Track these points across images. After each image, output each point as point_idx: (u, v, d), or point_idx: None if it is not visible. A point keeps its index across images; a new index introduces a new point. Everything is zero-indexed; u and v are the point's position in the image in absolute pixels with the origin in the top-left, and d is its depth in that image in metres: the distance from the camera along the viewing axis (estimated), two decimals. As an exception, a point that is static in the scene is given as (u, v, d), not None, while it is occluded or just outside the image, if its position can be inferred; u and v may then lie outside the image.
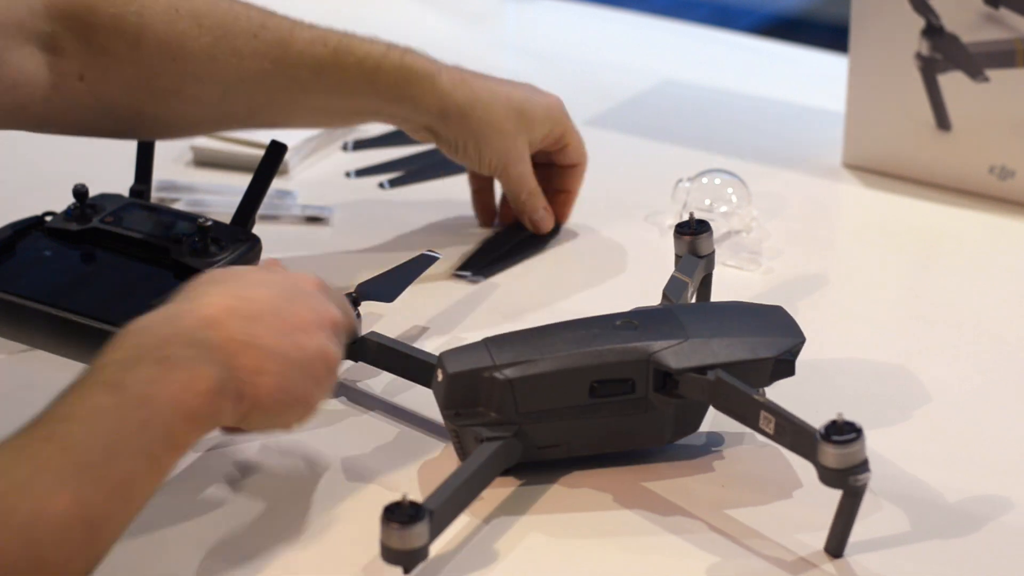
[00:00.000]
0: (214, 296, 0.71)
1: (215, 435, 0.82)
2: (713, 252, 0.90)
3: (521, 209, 1.00)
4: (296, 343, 0.71)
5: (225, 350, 0.68)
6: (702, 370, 0.76)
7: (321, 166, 1.14)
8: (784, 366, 0.79)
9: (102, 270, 0.94)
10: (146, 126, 0.93)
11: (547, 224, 1.01)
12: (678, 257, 0.90)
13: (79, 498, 0.62)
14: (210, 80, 0.90)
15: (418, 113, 0.94)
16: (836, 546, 0.74)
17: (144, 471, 0.65)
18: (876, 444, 0.72)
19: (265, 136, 0.97)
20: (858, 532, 0.72)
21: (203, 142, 1.13)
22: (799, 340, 0.80)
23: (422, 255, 0.91)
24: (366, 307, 0.87)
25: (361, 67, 0.92)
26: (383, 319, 0.91)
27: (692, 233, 0.89)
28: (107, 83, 0.89)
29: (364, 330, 0.85)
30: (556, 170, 1.01)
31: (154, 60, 0.88)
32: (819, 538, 0.74)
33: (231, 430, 0.75)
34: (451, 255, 0.98)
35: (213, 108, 0.92)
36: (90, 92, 0.89)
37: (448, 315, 0.94)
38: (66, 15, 0.87)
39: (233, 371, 0.68)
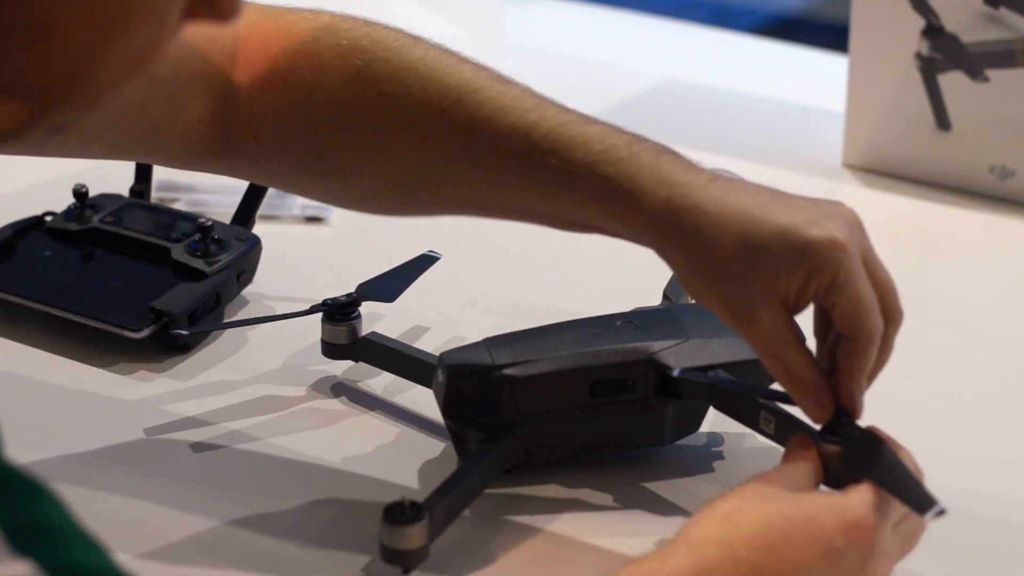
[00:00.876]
0: (751, 541, 0.63)
1: (214, 433, 0.82)
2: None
3: (791, 389, 0.71)
4: None
5: None
6: (703, 370, 0.76)
7: (321, 166, 1.14)
8: (784, 366, 0.79)
9: (102, 270, 0.94)
10: (330, 197, 0.80)
11: (817, 414, 0.70)
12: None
13: None
14: (386, 159, 0.74)
15: (627, 232, 0.72)
16: (836, 546, 0.73)
17: None
18: (876, 444, 0.72)
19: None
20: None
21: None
22: (799, 340, 0.80)
23: (422, 256, 0.91)
24: (366, 307, 0.87)
25: (563, 172, 0.71)
26: (383, 319, 0.91)
27: None
28: (279, 150, 0.75)
29: (364, 330, 0.85)
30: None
31: (325, 127, 0.74)
32: (820, 538, 0.74)
33: None
34: (451, 255, 0.98)
35: (396, 190, 0.77)
36: (263, 154, 0.76)
37: (448, 315, 0.94)
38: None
39: None
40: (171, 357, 0.89)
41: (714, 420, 0.80)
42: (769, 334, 0.69)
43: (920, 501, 0.67)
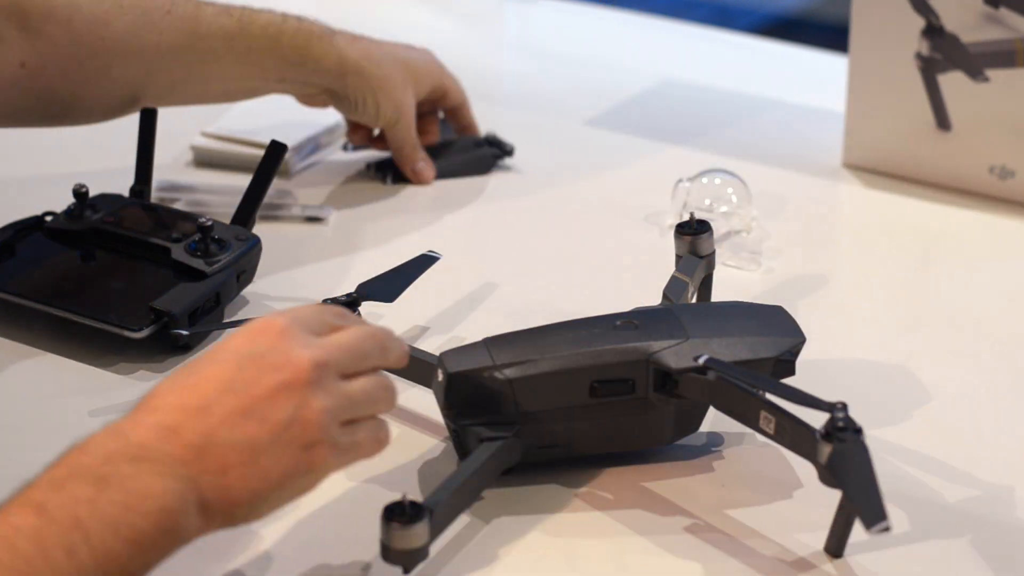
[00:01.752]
0: (163, 393, 0.64)
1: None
2: (713, 252, 0.90)
3: (404, 161, 1.08)
4: (263, 422, 0.63)
5: (181, 460, 0.62)
6: (702, 370, 0.76)
7: (321, 166, 1.14)
8: (784, 366, 0.79)
9: (102, 270, 0.94)
10: (80, 109, 0.96)
11: (428, 175, 1.08)
12: (678, 257, 0.90)
13: None
14: (134, 57, 0.95)
15: (319, 74, 1.01)
16: (836, 546, 0.74)
17: None
18: (876, 444, 0.72)
19: (265, 136, 0.97)
20: (858, 532, 0.72)
21: (203, 142, 1.13)
22: (799, 340, 0.80)
23: (422, 256, 0.91)
24: (366, 307, 0.87)
25: (265, 33, 0.98)
26: (383, 319, 0.91)
27: (692, 233, 0.89)
28: (45, 68, 0.92)
29: None
30: (434, 118, 1.11)
31: (85, 40, 0.93)
32: (819, 538, 0.74)
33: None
34: (451, 255, 0.98)
35: (138, 86, 0.96)
36: (30, 78, 0.92)
37: (448, 315, 0.94)
38: (3, 4, 0.90)
39: (193, 480, 0.62)
40: (171, 357, 0.89)
41: (714, 420, 0.80)
42: (410, 123, 1.06)
43: (871, 512, 0.68)
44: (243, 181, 0.97)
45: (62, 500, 0.59)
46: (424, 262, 0.90)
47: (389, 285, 0.88)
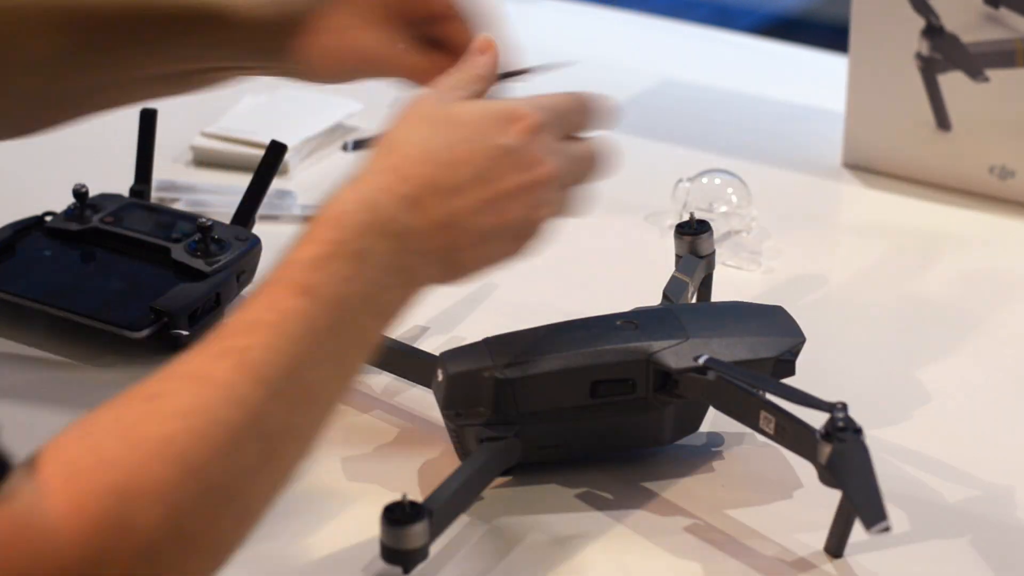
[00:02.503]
0: (414, 161, 0.66)
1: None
2: (713, 252, 0.90)
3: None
4: (501, 215, 0.68)
5: (423, 235, 0.66)
6: (702, 370, 0.76)
7: (321, 166, 1.14)
8: (784, 366, 0.79)
9: (102, 270, 0.94)
10: None
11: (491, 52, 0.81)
12: (678, 257, 0.90)
13: (255, 413, 0.59)
14: (25, 65, 0.81)
15: (242, 45, 0.81)
16: (836, 546, 0.74)
17: (332, 377, 0.63)
18: (876, 444, 0.72)
19: (265, 136, 0.97)
20: (858, 532, 0.72)
21: (203, 142, 1.13)
22: (799, 340, 0.80)
23: None
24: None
25: (160, 18, 0.81)
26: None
27: (692, 233, 0.89)
28: None
29: None
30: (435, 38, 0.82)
31: None
32: (819, 538, 0.74)
33: None
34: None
35: (42, 97, 0.83)
36: None
37: (448, 315, 0.94)
38: None
39: (430, 254, 0.66)
40: (171, 357, 0.88)
41: (714, 420, 0.80)
42: (384, 54, 0.79)
43: (871, 512, 0.68)
44: (243, 181, 0.97)
45: (326, 279, 0.62)
46: None
47: None
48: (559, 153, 0.70)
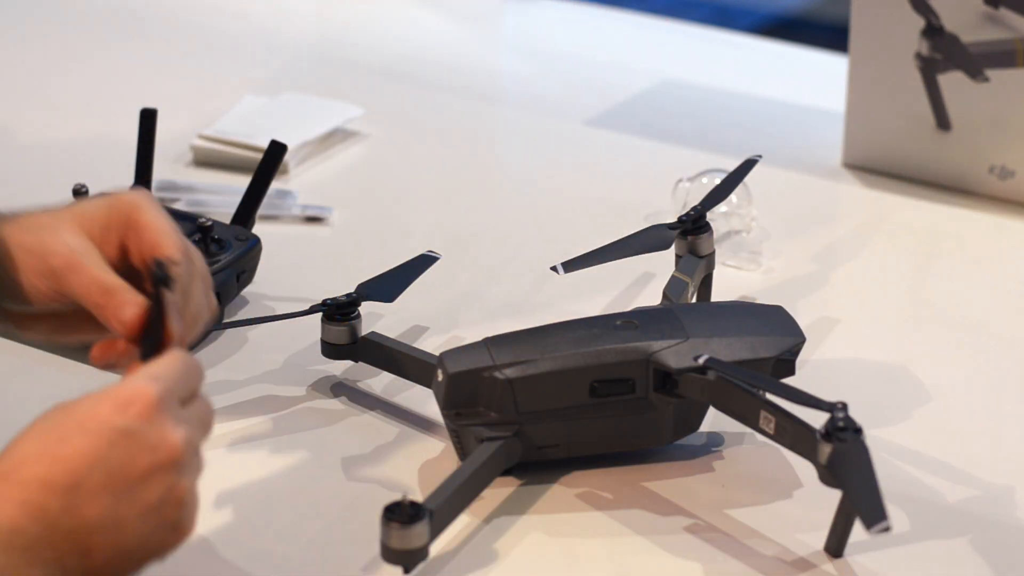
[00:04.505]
0: (29, 462, 0.60)
1: (214, 433, 0.82)
2: (713, 252, 0.90)
3: (101, 315, 0.70)
4: (132, 501, 0.61)
5: (49, 543, 0.59)
6: (702, 370, 0.76)
7: (321, 166, 1.14)
8: (784, 365, 0.79)
9: (102, 270, 0.94)
10: None
11: (131, 321, 0.69)
12: (678, 257, 0.90)
13: None
14: None
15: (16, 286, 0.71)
16: (836, 546, 0.74)
17: None
18: (876, 444, 0.72)
19: (264, 137, 0.97)
20: (858, 532, 0.72)
21: (203, 142, 1.13)
22: (799, 340, 0.80)
23: (422, 256, 0.91)
24: (366, 307, 0.87)
25: None
26: (383, 319, 0.91)
27: (692, 233, 0.89)
28: None
29: (364, 330, 0.85)
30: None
31: None
32: (819, 538, 0.74)
33: None
34: (450, 255, 0.98)
35: None
36: None
37: (448, 315, 0.94)
38: None
39: (59, 562, 0.59)
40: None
41: (714, 420, 0.80)
42: (81, 250, 0.69)
43: (871, 512, 0.68)
44: (243, 181, 0.97)
45: None
46: (423, 262, 0.90)
47: (389, 285, 0.88)
48: (184, 421, 0.63)
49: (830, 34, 1.32)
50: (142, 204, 0.72)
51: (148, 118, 0.98)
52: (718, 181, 1.04)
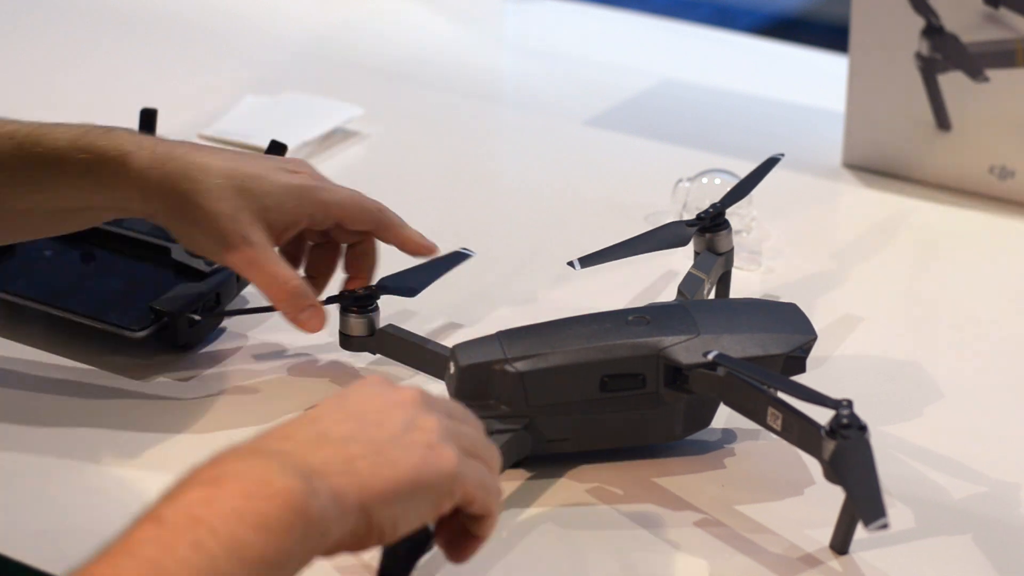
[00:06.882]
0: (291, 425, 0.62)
1: (214, 433, 0.82)
2: (732, 250, 0.90)
3: (279, 308, 0.82)
4: (378, 424, 0.62)
5: (300, 454, 0.59)
6: (712, 366, 0.76)
7: (321, 166, 1.14)
8: (795, 362, 0.79)
9: (102, 270, 0.93)
10: None
11: (314, 324, 0.82)
12: (697, 254, 0.90)
13: None
14: None
15: (120, 198, 0.80)
16: (841, 543, 0.74)
17: None
18: (882, 442, 0.72)
19: (264, 138, 0.97)
20: (863, 529, 0.72)
21: (203, 142, 1.13)
22: (811, 337, 0.80)
23: (456, 252, 0.90)
24: (385, 300, 0.86)
25: (47, 158, 0.80)
26: (400, 312, 0.91)
27: (710, 230, 0.89)
28: None
29: (381, 322, 0.85)
30: (342, 249, 0.87)
31: None
32: (827, 535, 0.74)
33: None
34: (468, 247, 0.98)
35: None
36: None
37: (462, 309, 0.94)
38: None
39: (317, 471, 0.59)
40: (171, 357, 0.88)
41: (728, 416, 0.80)
42: (261, 253, 0.80)
43: (870, 509, 0.68)
44: (243, 181, 0.96)
45: (177, 505, 0.57)
46: (456, 259, 0.89)
47: (414, 278, 0.87)
48: (440, 412, 0.64)
49: (830, 34, 1.32)
50: (316, 187, 0.83)
51: (148, 118, 0.97)
52: (718, 181, 1.05)
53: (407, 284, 0.87)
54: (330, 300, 0.85)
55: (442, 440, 0.62)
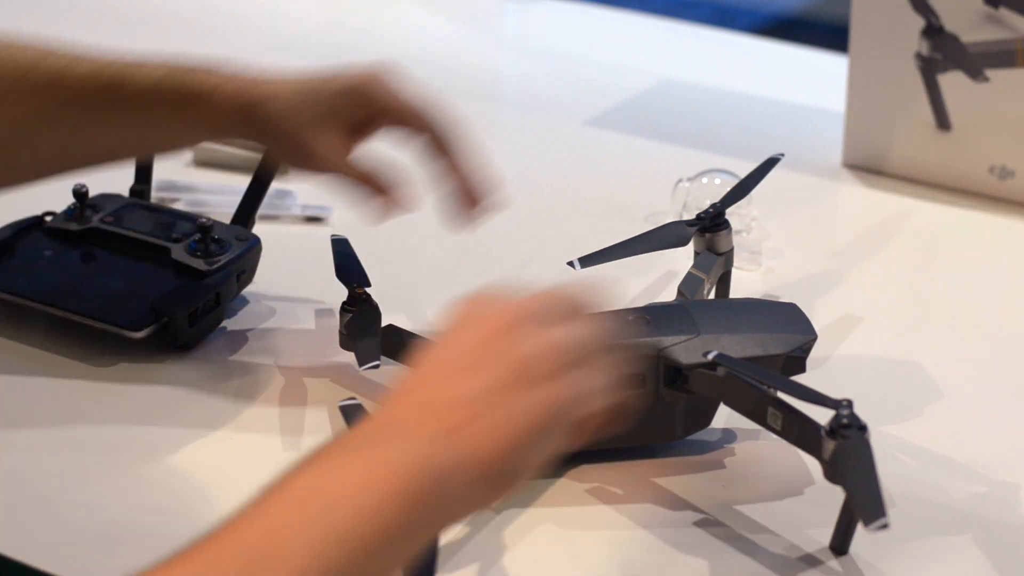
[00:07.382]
0: (421, 388, 0.61)
1: (214, 433, 0.82)
2: (732, 250, 0.90)
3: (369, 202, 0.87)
4: (482, 368, 0.61)
5: (416, 422, 0.59)
6: (712, 366, 0.76)
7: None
8: (795, 362, 0.79)
9: (102, 270, 0.93)
10: None
11: (405, 204, 0.88)
12: (697, 254, 0.90)
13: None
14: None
15: (203, 132, 0.86)
16: (840, 543, 0.74)
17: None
18: (878, 443, 0.72)
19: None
20: (863, 529, 0.72)
21: (203, 142, 1.13)
22: (811, 337, 0.80)
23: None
24: (385, 300, 0.86)
25: (137, 96, 0.83)
26: (400, 312, 0.91)
27: (711, 230, 0.89)
28: None
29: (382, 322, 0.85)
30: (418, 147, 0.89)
31: None
32: (827, 535, 0.74)
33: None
34: (451, 255, 0.98)
35: (11, 156, 0.84)
36: None
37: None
38: None
39: (436, 438, 0.59)
40: (171, 357, 0.88)
41: (728, 416, 0.80)
42: (325, 151, 0.85)
43: (869, 509, 0.68)
44: (243, 181, 0.96)
45: (309, 476, 0.58)
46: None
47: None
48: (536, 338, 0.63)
49: (830, 34, 1.32)
50: (381, 89, 0.86)
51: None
52: (718, 181, 1.05)
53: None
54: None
55: (544, 367, 0.61)
